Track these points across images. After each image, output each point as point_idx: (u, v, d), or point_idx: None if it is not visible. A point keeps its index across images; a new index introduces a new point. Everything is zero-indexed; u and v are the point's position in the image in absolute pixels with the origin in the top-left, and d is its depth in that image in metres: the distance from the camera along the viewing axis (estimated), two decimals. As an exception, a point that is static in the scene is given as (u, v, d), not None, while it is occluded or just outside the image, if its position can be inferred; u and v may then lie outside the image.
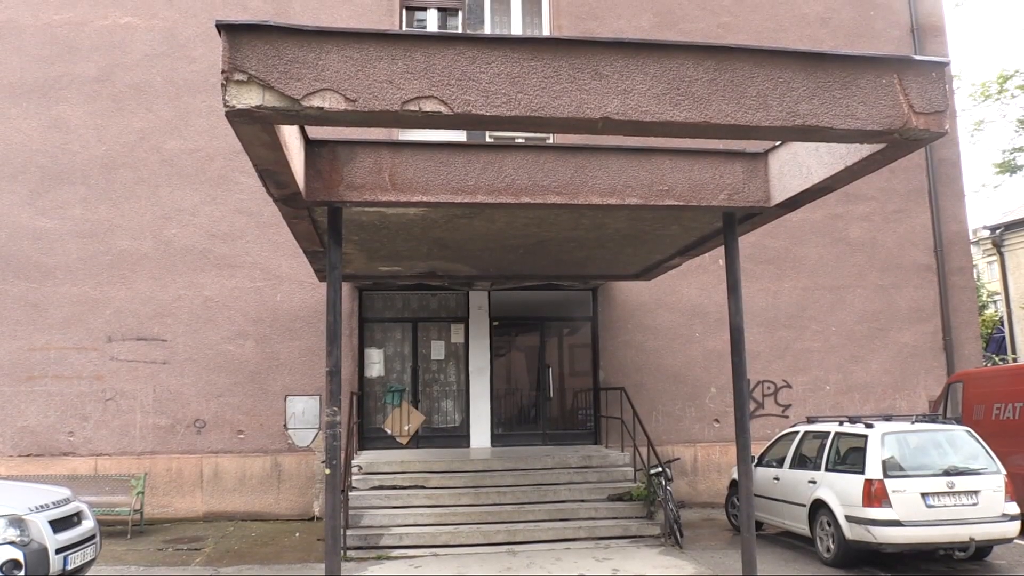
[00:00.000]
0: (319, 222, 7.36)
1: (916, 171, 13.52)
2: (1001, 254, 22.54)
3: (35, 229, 11.82)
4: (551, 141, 11.38)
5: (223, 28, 4.45)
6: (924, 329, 13.24)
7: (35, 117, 12.05)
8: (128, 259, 11.87)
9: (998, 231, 22.54)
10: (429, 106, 4.47)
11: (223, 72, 4.40)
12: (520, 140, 10.88)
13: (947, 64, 5.54)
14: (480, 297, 12.61)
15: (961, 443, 8.35)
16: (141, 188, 12.03)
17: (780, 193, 6.91)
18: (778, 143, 6.83)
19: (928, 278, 13.38)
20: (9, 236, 11.78)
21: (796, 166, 6.67)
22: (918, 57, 5.42)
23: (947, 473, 7.92)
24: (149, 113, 12.18)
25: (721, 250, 9.82)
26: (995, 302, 30.73)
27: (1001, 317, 23.79)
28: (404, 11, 12.90)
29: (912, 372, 13.14)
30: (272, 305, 11.95)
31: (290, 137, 5.52)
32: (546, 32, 13.07)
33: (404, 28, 12.89)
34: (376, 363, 12.45)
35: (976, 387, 10.86)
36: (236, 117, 4.51)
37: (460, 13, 12.99)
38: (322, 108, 4.45)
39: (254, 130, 4.79)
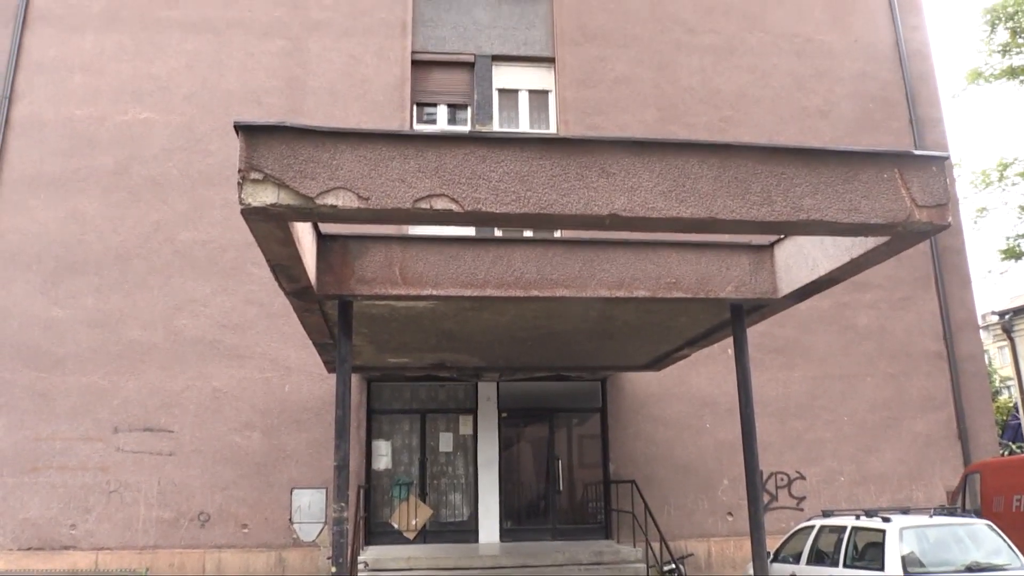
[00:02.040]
0: (329, 315, 7.41)
1: (922, 259, 13.60)
2: (1012, 339, 22.42)
3: (47, 319, 11.91)
4: (559, 235, 11.54)
5: (241, 129, 4.60)
6: (938, 417, 13.08)
7: (53, 208, 12.30)
8: (138, 349, 11.91)
9: (1007, 316, 22.48)
10: (440, 204, 4.57)
11: (240, 171, 4.52)
12: (528, 233, 11.04)
13: (947, 158, 5.65)
14: (489, 388, 12.55)
15: (982, 537, 8.13)
16: (154, 278, 12.17)
17: (787, 285, 6.95)
18: (783, 235, 6.91)
19: (939, 365, 13.29)
20: (21, 325, 11.87)
21: (802, 258, 6.74)
22: (918, 152, 5.53)
23: (969, 569, 7.68)
24: (164, 205, 12.43)
25: (730, 339, 9.82)
26: (1008, 388, 30.43)
27: (1015, 403, 23.51)
28: (415, 107, 13.30)
29: (928, 462, 12.91)
30: (280, 396, 11.91)
31: (303, 233, 5.62)
32: (553, 127, 13.41)
33: (415, 123, 13.27)
34: (384, 455, 12.31)
35: (995, 477, 10.65)
36: (251, 215, 4.61)
37: (469, 108, 13.38)
38: (335, 206, 4.55)
39: (268, 227, 4.89)
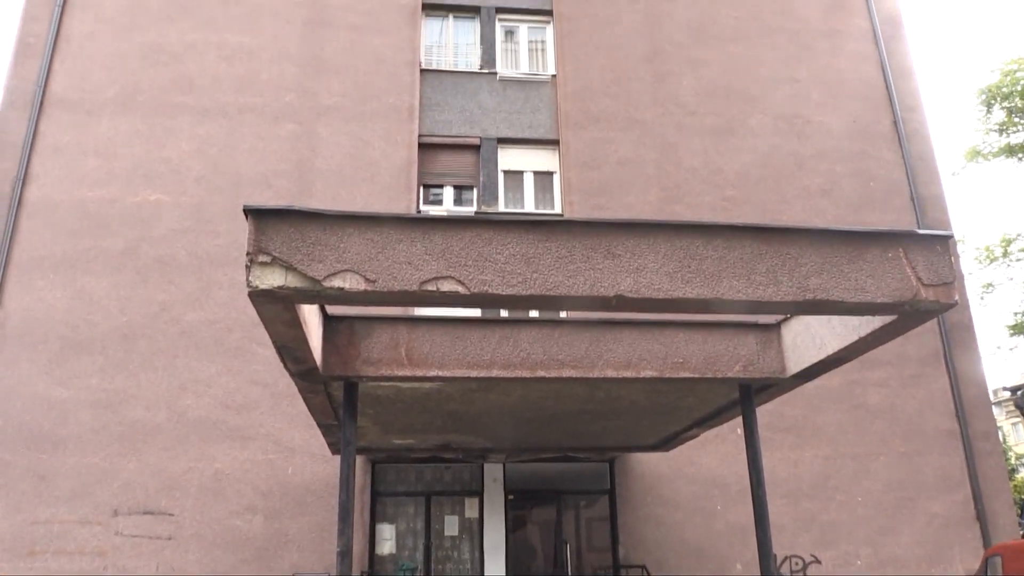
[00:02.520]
0: (334, 396, 7.36)
1: (930, 335, 13.53)
2: (1025, 417, 22.10)
3: (50, 399, 11.85)
4: (565, 315, 11.55)
5: (250, 212, 4.64)
6: (954, 498, 12.79)
7: (61, 289, 12.37)
8: (141, 430, 11.80)
9: (1019, 392, 22.19)
10: (447, 286, 4.58)
11: (248, 254, 4.55)
12: (535, 314, 11.06)
13: (950, 237, 5.67)
14: (495, 470, 12.36)
15: (1007, 625, 7.85)
16: (159, 359, 12.15)
17: (795, 364, 6.90)
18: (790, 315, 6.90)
19: (953, 444, 13.08)
20: (24, 406, 11.79)
21: (809, 337, 6.70)
22: (921, 231, 5.55)
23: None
24: (172, 285, 12.50)
25: (739, 419, 9.70)
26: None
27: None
28: (422, 188, 13.50)
29: (946, 544, 12.57)
30: (283, 478, 11.74)
31: (309, 314, 5.62)
32: (558, 208, 13.58)
33: (422, 204, 13.45)
34: (388, 539, 12.05)
35: (1016, 560, 10.34)
36: (258, 297, 4.62)
37: (475, 190, 13.58)
38: (342, 288, 4.56)
39: (275, 309, 4.90)
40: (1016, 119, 20.20)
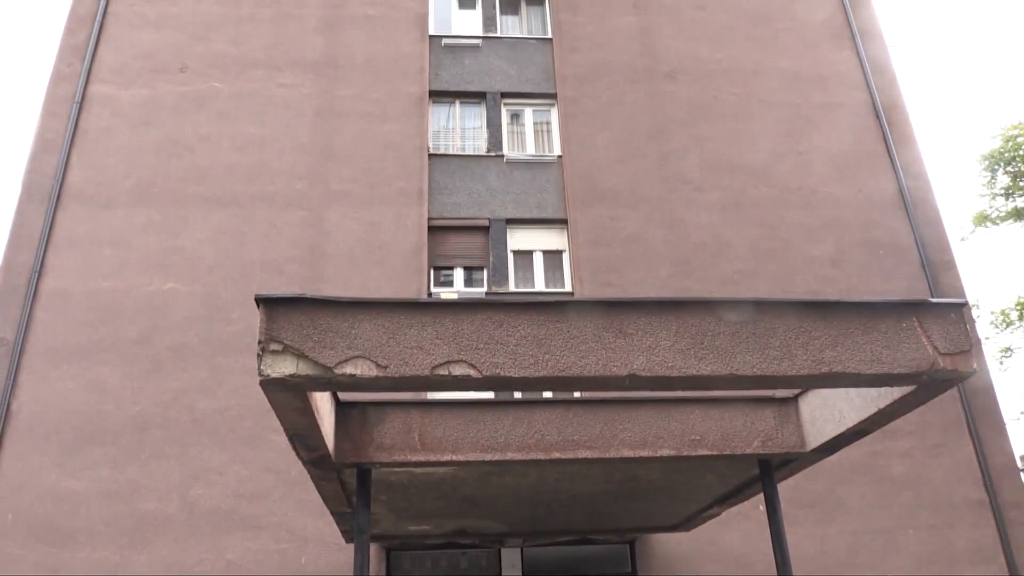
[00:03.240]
0: (348, 483, 7.25)
1: (951, 403, 13.31)
2: (1054, 485, 21.50)
3: (61, 491, 11.72)
4: (579, 395, 11.47)
5: (262, 301, 4.67)
6: (988, 571, 12.36)
7: (73, 379, 12.39)
8: (152, 522, 11.63)
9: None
10: (459, 370, 4.56)
11: (260, 343, 4.55)
12: (548, 394, 10.98)
13: (964, 304, 5.62)
14: (512, 555, 12.06)
15: None
16: (171, 448, 12.06)
17: (814, 438, 6.77)
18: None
19: (983, 515, 12.71)
20: (35, 499, 11.66)
21: (828, 410, 6.60)
22: (934, 300, 5.52)
23: None
24: (184, 373, 12.51)
25: (761, 495, 9.49)
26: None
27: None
28: (432, 270, 13.60)
29: (983, 621, 12.10)
30: (296, 568, 11.48)
31: (321, 401, 5.59)
32: (568, 286, 13.62)
33: (432, 286, 13.52)
34: (404, 629, 11.70)
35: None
36: (270, 386, 4.60)
37: (485, 270, 13.67)
38: (354, 375, 4.54)
39: (287, 397, 4.87)
40: (1022, 183, 20.33)
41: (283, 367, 4.51)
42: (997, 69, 54.00)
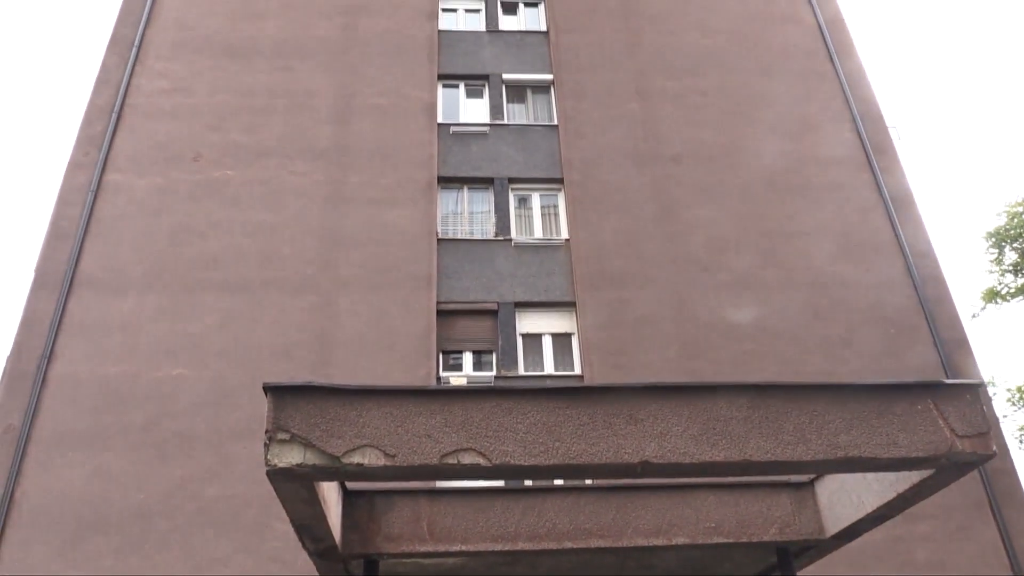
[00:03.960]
0: (354, 575, 7.07)
1: (973, 484, 13.00)
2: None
3: (63, 585, 11.47)
4: (590, 482, 11.28)
5: (269, 390, 4.64)
6: (1020, 664, 11.86)
7: (79, 466, 12.26)
8: (154, 616, 11.33)
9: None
10: (468, 458, 4.50)
11: (267, 432, 4.51)
12: (559, 481, 10.79)
13: (980, 385, 5.55)
14: (524, 645, 11.65)
15: None
16: (175, 536, 11.83)
17: (833, 524, 6.59)
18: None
19: (1011, 602, 12.27)
20: (36, 593, 11.41)
21: (845, 494, 6.44)
22: (949, 381, 5.45)
23: None
24: (190, 460, 12.37)
25: (779, 584, 9.20)
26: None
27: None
28: (441, 355, 13.57)
29: None
30: (300, 663, 11.11)
31: (328, 491, 5.50)
32: (577, 369, 13.55)
33: (441, 371, 13.47)
34: None
35: None
36: (277, 476, 4.54)
37: (494, 354, 13.63)
38: (362, 464, 4.48)
39: (293, 487, 4.79)
40: (1031, 260, 20.37)
41: (290, 457, 4.46)
42: (997, 145, 54.77)
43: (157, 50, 16.66)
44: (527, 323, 14.09)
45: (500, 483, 10.92)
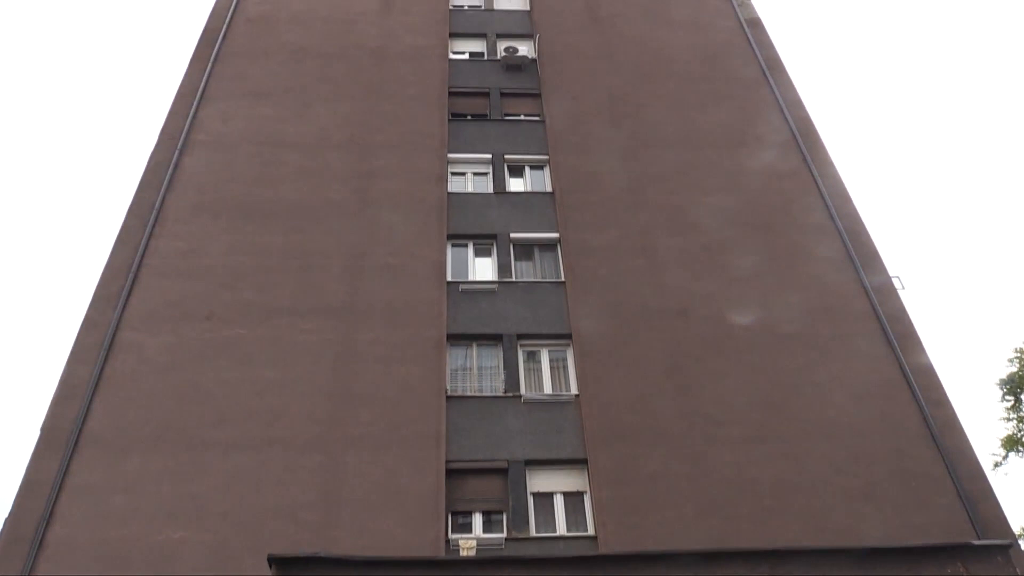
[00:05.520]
0: None
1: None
2: None
3: None
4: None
5: (274, 562, 4.51)
6: None
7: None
8: None
9: None
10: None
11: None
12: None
13: (1010, 546, 5.36)
14: None
15: None
16: None
17: None
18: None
19: None
20: None
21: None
22: (978, 543, 5.28)
23: None
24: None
25: None
26: None
27: None
28: (450, 515, 13.13)
29: None
30: None
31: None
32: (590, 529, 13.09)
33: (450, 532, 13.04)
34: None
35: None
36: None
37: (504, 515, 13.27)
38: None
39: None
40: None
41: (292, 635, 4.27)
42: (1001, 291, 55.25)
43: (176, 213, 17.26)
44: (538, 482, 13.75)
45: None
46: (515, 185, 19.04)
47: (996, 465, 24.48)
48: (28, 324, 55.19)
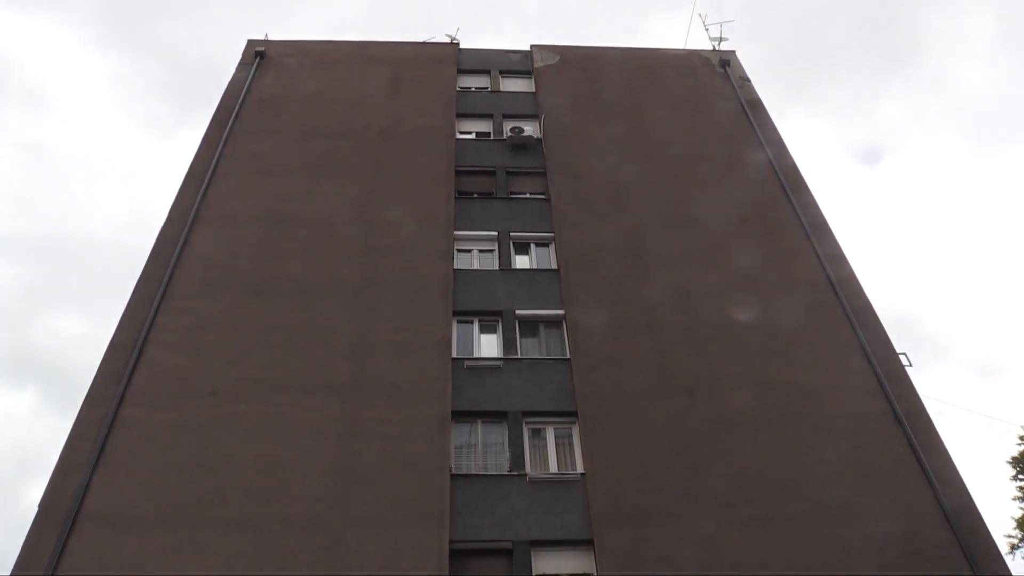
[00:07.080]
0: None
1: None
2: None
3: None
4: None
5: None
6: None
7: None
8: None
9: None
10: None
11: None
12: None
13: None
14: None
15: None
16: None
17: None
18: None
19: None
20: None
21: None
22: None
23: None
24: None
25: None
26: None
27: None
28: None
29: None
30: None
31: None
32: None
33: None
34: None
35: None
36: None
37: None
38: None
39: None
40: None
41: None
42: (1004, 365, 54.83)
43: (184, 288, 17.36)
44: (543, 563, 13.38)
45: None
46: (520, 262, 19.20)
47: (1013, 548, 23.90)
48: (32, 397, 54.88)
